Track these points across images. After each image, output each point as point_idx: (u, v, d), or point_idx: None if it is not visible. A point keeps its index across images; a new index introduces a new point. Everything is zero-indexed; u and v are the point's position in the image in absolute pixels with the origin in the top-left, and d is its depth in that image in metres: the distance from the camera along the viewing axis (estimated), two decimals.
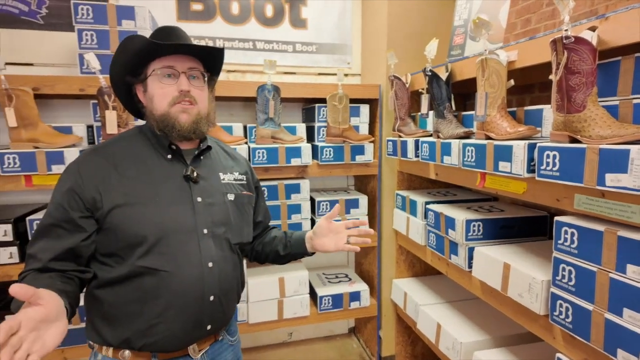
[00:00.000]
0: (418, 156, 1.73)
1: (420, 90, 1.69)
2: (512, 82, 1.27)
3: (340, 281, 2.29)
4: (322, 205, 2.12)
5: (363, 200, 2.18)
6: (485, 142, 1.28)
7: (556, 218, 1.08)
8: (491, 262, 1.35)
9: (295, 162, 1.97)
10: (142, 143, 1.04)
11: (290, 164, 1.97)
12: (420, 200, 1.85)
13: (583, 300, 1.00)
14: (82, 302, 1.01)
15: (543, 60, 1.15)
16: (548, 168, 1.04)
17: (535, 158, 1.08)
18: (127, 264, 0.93)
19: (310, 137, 2.17)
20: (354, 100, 2.07)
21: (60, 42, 1.97)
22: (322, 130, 2.09)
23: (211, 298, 1.00)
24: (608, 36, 0.95)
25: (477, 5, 1.63)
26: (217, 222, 1.04)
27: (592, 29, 0.97)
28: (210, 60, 1.07)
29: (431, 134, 1.76)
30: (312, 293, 2.20)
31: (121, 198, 0.94)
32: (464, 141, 1.40)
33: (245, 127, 2.05)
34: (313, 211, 2.16)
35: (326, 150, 2.03)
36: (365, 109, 2.14)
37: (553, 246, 1.09)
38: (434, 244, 1.72)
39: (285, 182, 2.06)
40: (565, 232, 1.05)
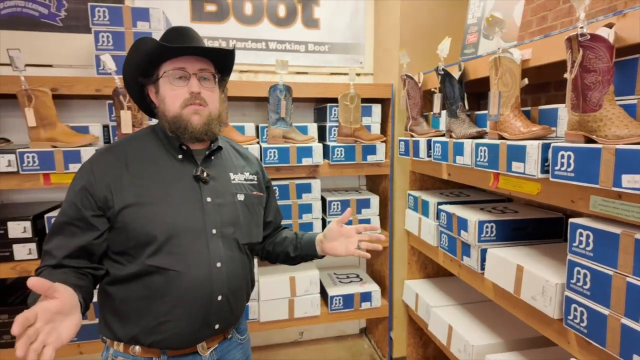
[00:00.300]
0: (430, 156, 1.72)
1: (433, 90, 1.67)
2: (525, 80, 1.24)
3: (351, 281, 2.28)
4: (333, 205, 2.12)
5: (374, 200, 2.17)
6: (498, 142, 1.26)
7: (571, 220, 1.05)
8: (504, 264, 1.33)
9: (306, 161, 1.98)
10: (153, 143, 1.05)
11: (302, 163, 1.97)
12: (432, 200, 1.83)
13: (598, 304, 0.97)
14: (95, 298, 1.03)
15: (558, 58, 1.12)
16: (562, 169, 1.01)
17: (550, 158, 1.06)
18: (138, 263, 0.95)
19: (321, 137, 2.17)
20: (366, 100, 2.07)
21: (77, 44, 2.02)
22: (334, 130, 2.09)
23: (219, 298, 1.00)
24: (626, 33, 0.92)
25: (491, 3, 1.61)
26: (226, 223, 1.04)
27: (609, 26, 0.94)
28: (221, 61, 1.08)
29: (444, 134, 1.74)
30: (323, 293, 2.20)
31: (132, 198, 0.96)
32: (476, 141, 1.37)
33: (257, 127, 2.06)
34: (324, 211, 2.16)
35: (337, 150, 2.03)
36: (377, 108, 2.13)
37: (567, 249, 1.06)
38: (446, 245, 1.70)
39: (297, 182, 2.07)
40: (580, 234, 1.02)
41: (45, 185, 1.68)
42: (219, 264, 1.01)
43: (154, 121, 1.84)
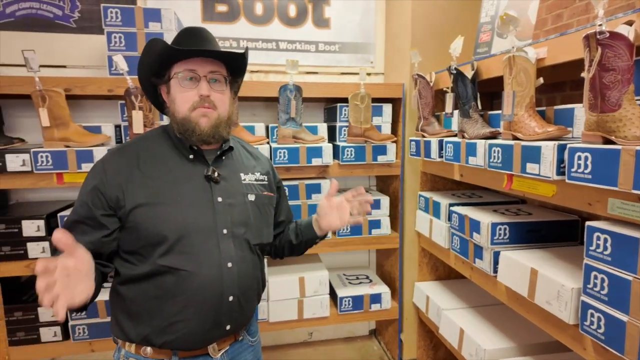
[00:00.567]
0: (442, 157, 1.69)
1: (445, 89, 1.65)
2: (541, 80, 1.22)
3: (360, 282, 2.27)
4: None
5: (385, 201, 2.15)
6: (512, 142, 1.23)
7: (587, 223, 1.02)
8: (517, 268, 1.30)
9: (316, 162, 1.97)
10: (165, 143, 1.06)
11: (311, 163, 1.96)
12: (444, 202, 1.80)
13: (617, 310, 0.94)
14: (107, 296, 1.04)
15: (575, 57, 1.09)
16: (579, 170, 0.99)
17: (566, 160, 1.03)
18: (149, 263, 0.95)
19: (331, 137, 2.16)
20: (377, 100, 2.05)
21: (91, 44, 2.05)
22: (344, 130, 2.08)
23: (230, 298, 1.00)
24: None
25: (504, 2, 1.58)
26: (237, 223, 1.04)
27: (629, 23, 0.91)
28: (233, 63, 1.08)
29: (456, 134, 1.72)
30: (332, 294, 2.19)
31: (143, 197, 0.96)
32: (490, 141, 1.35)
33: (267, 127, 2.06)
34: None
35: (347, 150, 2.01)
36: (387, 108, 2.11)
37: (584, 252, 1.03)
38: (458, 247, 1.68)
39: (306, 182, 2.06)
40: (598, 238, 0.99)
41: (59, 185, 1.71)
42: (230, 264, 1.01)
43: (166, 121, 1.86)
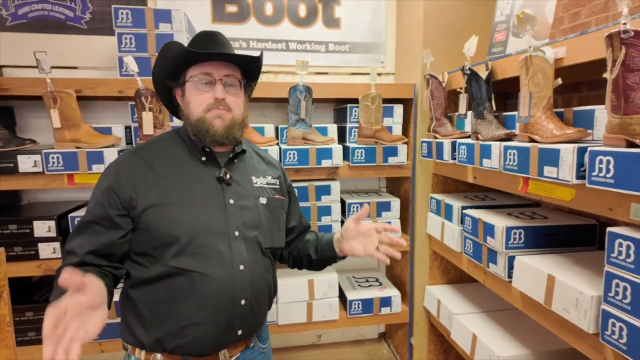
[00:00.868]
0: (455, 158, 1.66)
1: (459, 90, 1.62)
2: (559, 80, 1.18)
3: (370, 285, 2.24)
4: (353, 207, 2.08)
5: (395, 203, 2.12)
6: (529, 145, 1.20)
7: (609, 229, 0.99)
8: (534, 273, 1.26)
9: (326, 163, 1.95)
10: (178, 145, 1.06)
11: (321, 165, 1.95)
12: (456, 204, 1.77)
13: None
14: (116, 297, 1.03)
15: (595, 57, 1.06)
16: (601, 174, 0.95)
17: (586, 163, 1.00)
18: (160, 264, 0.95)
19: (341, 138, 2.14)
20: (388, 100, 2.02)
21: (101, 46, 2.05)
22: (354, 131, 2.06)
23: (242, 302, 0.99)
24: None
25: (520, 0, 1.54)
26: (248, 225, 1.03)
27: None
28: (248, 67, 1.08)
29: (469, 136, 1.68)
30: (342, 297, 2.17)
31: (156, 198, 0.96)
32: (505, 143, 1.32)
33: (276, 128, 2.04)
34: (343, 213, 2.12)
35: (357, 152, 1.99)
36: (398, 109, 2.08)
37: (605, 259, 1.00)
38: (471, 251, 1.64)
39: (316, 184, 2.04)
40: (620, 244, 0.96)
41: (69, 186, 1.71)
42: (242, 267, 1.00)
43: (176, 122, 1.86)
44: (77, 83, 1.72)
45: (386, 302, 2.13)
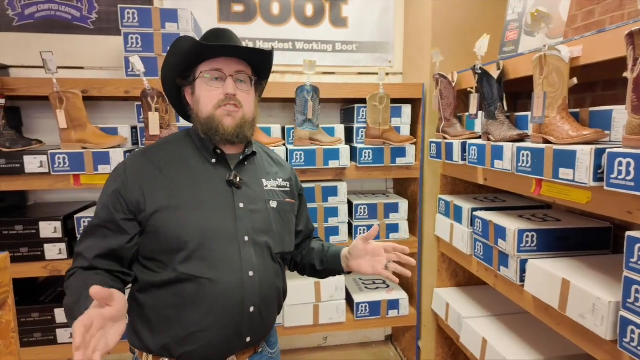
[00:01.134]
0: (465, 159, 1.63)
1: (470, 90, 1.59)
2: (575, 80, 1.15)
3: (377, 287, 2.22)
4: (360, 209, 2.06)
5: (403, 204, 2.10)
6: (543, 146, 1.17)
7: (628, 233, 0.96)
8: (547, 277, 1.23)
9: (333, 164, 1.93)
10: (187, 147, 1.04)
11: (328, 166, 1.92)
12: (466, 206, 1.74)
13: None
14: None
15: (613, 56, 1.03)
16: (620, 177, 0.92)
17: (604, 165, 0.97)
18: (169, 270, 0.93)
19: (348, 139, 2.11)
20: (395, 100, 2.00)
21: (108, 46, 2.04)
22: (361, 132, 2.03)
23: (251, 309, 0.97)
24: None
25: None
26: (258, 230, 1.01)
27: None
28: (259, 64, 1.06)
29: (479, 136, 1.66)
30: (349, 299, 2.14)
31: (164, 201, 0.94)
32: (518, 145, 1.29)
33: (283, 129, 2.02)
34: (350, 214, 2.10)
35: (365, 152, 1.96)
36: (407, 109, 2.05)
37: (624, 264, 0.97)
38: (481, 253, 1.61)
39: (323, 185, 2.02)
40: None
41: (75, 187, 1.70)
42: (251, 273, 0.97)
43: (182, 123, 1.84)
44: (84, 83, 1.72)
45: (394, 304, 2.10)
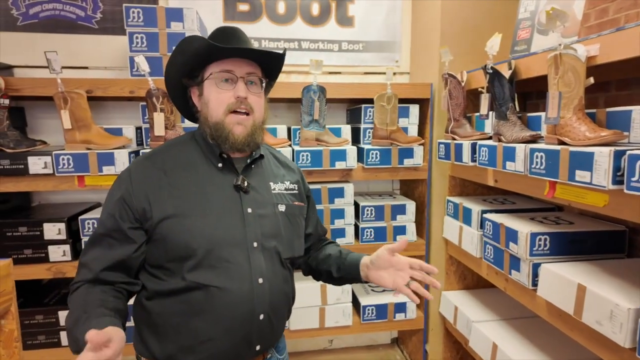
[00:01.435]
0: (475, 160, 1.60)
1: (480, 90, 1.56)
2: (591, 80, 1.12)
3: (384, 290, 2.19)
4: (367, 210, 2.03)
5: (410, 206, 2.07)
6: (558, 147, 1.14)
7: None
8: (562, 282, 1.20)
9: (339, 165, 1.90)
10: (193, 150, 1.01)
11: (335, 167, 1.90)
12: (475, 208, 1.71)
13: None
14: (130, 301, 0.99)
15: (632, 54, 1.00)
16: None
17: (624, 168, 0.93)
18: (177, 278, 0.90)
19: (355, 139, 2.08)
20: (403, 100, 1.97)
21: (112, 45, 2.03)
22: (368, 132, 2.00)
23: (261, 317, 0.94)
24: None
25: None
26: (267, 235, 0.98)
27: None
28: (270, 65, 1.03)
29: (489, 137, 1.63)
30: (355, 302, 2.12)
31: (171, 209, 0.92)
32: (531, 146, 1.25)
33: (289, 129, 2.00)
34: (357, 216, 2.07)
35: (372, 153, 1.94)
36: (414, 109, 2.02)
37: None
38: (491, 257, 1.58)
39: (329, 186, 1.99)
40: None
41: (80, 188, 1.68)
42: (260, 280, 0.94)
43: (187, 123, 1.82)
44: (88, 83, 1.70)
45: (401, 307, 2.07)
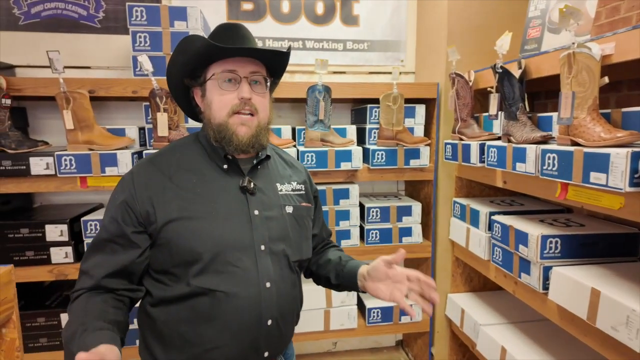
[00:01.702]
0: (483, 161, 1.57)
1: (489, 89, 1.53)
2: (606, 79, 1.09)
3: None
4: (372, 212, 2.00)
5: (416, 207, 2.04)
6: (572, 148, 1.11)
7: None
8: (574, 286, 1.17)
9: (345, 166, 1.88)
10: (197, 152, 0.98)
11: (340, 168, 1.87)
12: (483, 210, 1.68)
13: None
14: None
15: None
16: None
17: None
18: (182, 284, 0.88)
19: (360, 140, 2.06)
20: (408, 100, 1.94)
21: (115, 45, 2.01)
22: (374, 132, 1.98)
23: (269, 322, 0.91)
24: None
25: None
26: (275, 238, 0.95)
27: None
28: (274, 64, 1.00)
29: (498, 137, 1.60)
30: (360, 304, 2.09)
31: (176, 212, 0.89)
32: (543, 147, 1.23)
33: (293, 129, 1.97)
34: (362, 218, 2.04)
35: (378, 154, 1.91)
36: (421, 109, 2.00)
37: None
38: (500, 259, 1.55)
39: (334, 187, 1.96)
40: None
41: (82, 189, 1.66)
42: (268, 284, 0.92)
43: (191, 123, 1.80)
44: (91, 83, 1.68)
45: None
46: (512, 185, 1.49)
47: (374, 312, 2.01)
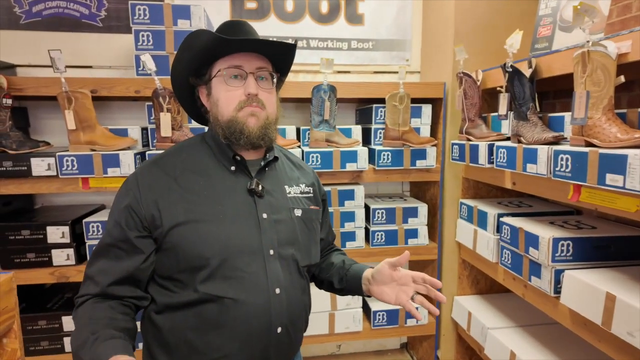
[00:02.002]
0: (492, 162, 1.55)
1: (499, 89, 1.50)
2: (622, 78, 1.06)
3: None
4: (378, 213, 1.98)
5: (422, 208, 2.01)
6: (586, 149, 1.08)
7: None
8: (588, 290, 1.15)
9: (350, 166, 1.85)
10: (204, 153, 0.95)
11: (345, 168, 1.85)
12: (491, 211, 1.65)
13: None
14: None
15: None
16: None
17: None
18: (189, 290, 0.85)
19: (365, 140, 2.03)
20: (414, 100, 1.91)
21: (117, 44, 1.98)
22: (379, 133, 1.95)
23: (278, 330, 0.89)
24: None
25: None
26: (284, 242, 0.92)
27: None
28: (280, 59, 0.97)
29: (507, 138, 1.57)
30: (365, 307, 2.06)
31: (182, 215, 0.86)
32: (556, 148, 1.20)
33: (297, 130, 1.95)
34: (367, 219, 2.02)
35: (384, 155, 1.88)
36: (427, 109, 1.97)
37: None
38: (509, 262, 1.53)
39: (339, 188, 1.94)
40: None
41: (84, 190, 1.64)
42: (277, 290, 0.89)
43: (194, 124, 1.77)
44: (93, 83, 1.65)
45: None
46: (521, 186, 1.46)
47: (379, 315, 1.99)
